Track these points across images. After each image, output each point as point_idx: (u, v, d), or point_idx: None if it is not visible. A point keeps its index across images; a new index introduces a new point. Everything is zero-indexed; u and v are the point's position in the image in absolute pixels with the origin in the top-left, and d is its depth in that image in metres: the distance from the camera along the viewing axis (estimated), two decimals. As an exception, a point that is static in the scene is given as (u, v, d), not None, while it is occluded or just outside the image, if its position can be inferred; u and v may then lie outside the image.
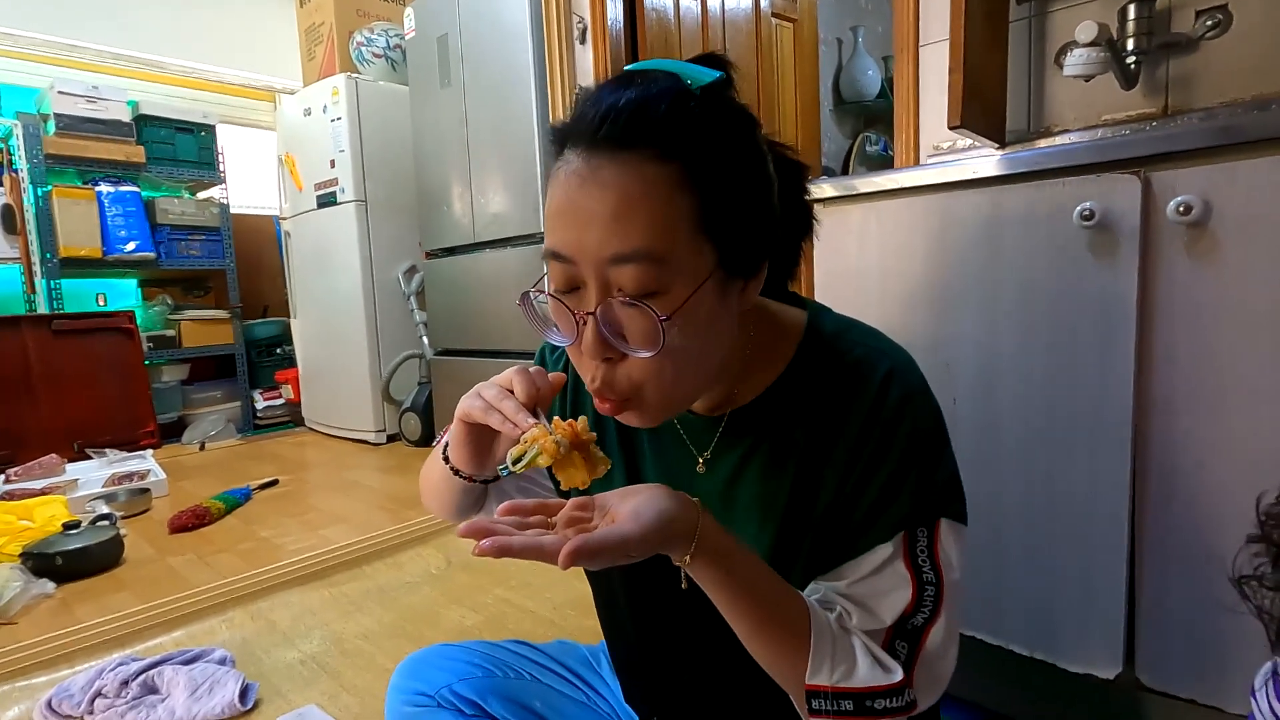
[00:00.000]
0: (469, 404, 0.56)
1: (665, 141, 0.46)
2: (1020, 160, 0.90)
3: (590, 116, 0.47)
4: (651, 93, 0.47)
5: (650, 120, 0.46)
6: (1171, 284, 0.80)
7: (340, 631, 1.44)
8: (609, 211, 0.46)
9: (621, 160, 0.46)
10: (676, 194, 0.46)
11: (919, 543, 0.53)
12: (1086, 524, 0.88)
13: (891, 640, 0.51)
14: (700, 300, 0.48)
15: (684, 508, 0.48)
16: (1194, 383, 0.80)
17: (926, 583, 0.52)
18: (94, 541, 1.78)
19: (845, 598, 0.54)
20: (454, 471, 0.63)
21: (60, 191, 3.09)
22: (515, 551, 0.43)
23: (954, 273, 0.97)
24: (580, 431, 0.51)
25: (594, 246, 0.47)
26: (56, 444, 2.88)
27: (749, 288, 0.53)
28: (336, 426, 3.43)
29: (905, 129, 1.51)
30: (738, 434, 0.59)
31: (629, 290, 0.47)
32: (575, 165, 0.48)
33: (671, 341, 0.47)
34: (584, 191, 0.47)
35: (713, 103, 0.49)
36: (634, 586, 0.67)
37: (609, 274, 0.47)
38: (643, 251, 0.46)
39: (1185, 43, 1.20)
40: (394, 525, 2.01)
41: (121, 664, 1.25)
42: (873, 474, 0.53)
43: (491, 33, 2.47)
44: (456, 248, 2.80)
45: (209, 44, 3.91)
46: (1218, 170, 0.76)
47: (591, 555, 0.42)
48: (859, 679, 0.50)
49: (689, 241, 0.47)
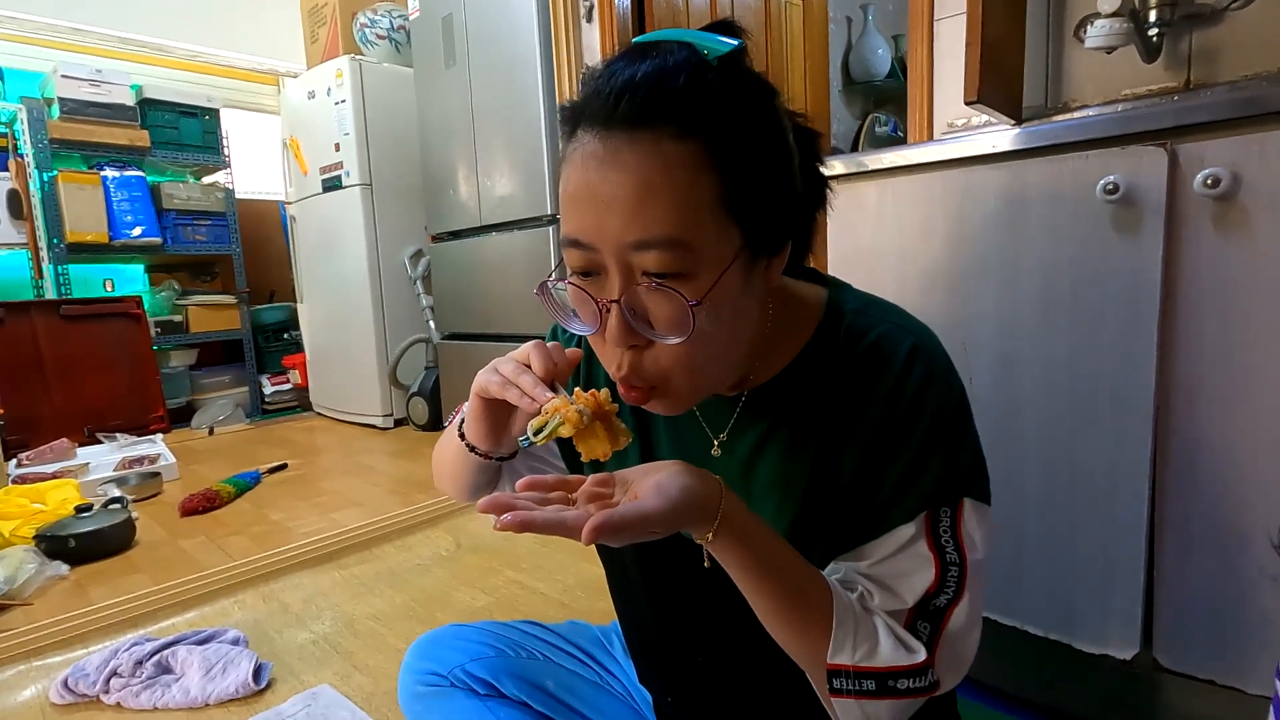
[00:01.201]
0: (486, 379, 0.55)
1: (685, 117, 0.44)
2: (1041, 133, 0.88)
3: (605, 94, 0.45)
4: (668, 65, 0.45)
5: (668, 95, 0.44)
6: (1198, 260, 0.78)
7: (351, 613, 1.45)
8: (630, 196, 0.44)
9: (640, 140, 0.44)
10: (699, 174, 0.44)
11: (942, 523, 0.52)
12: (1106, 505, 0.87)
13: (914, 621, 0.51)
14: (727, 283, 0.46)
15: (707, 484, 0.47)
16: (1220, 362, 0.78)
17: (950, 563, 0.51)
18: (106, 524, 1.79)
19: (867, 578, 0.53)
20: (470, 448, 0.62)
21: (66, 176, 3.09)
22: (538, 526, 0.42)
23: (972, 251, 0.95)
24: (603, 402, 0.50)
25: (616, 232, 0.45)
26: (67, 428, 2.90)
27: (773, 266, 0.51)
28: (344, 411, 3.44)
29: (919, 106, 1.48)
30: (756, 414, 0.58)
31: (655, 275, 0.45)
32: (592, 147, 0.45)
33: (701, 326, 0.45)
34: (602, 175, 0.45)
35: (731, 73, 0.46)
36: (649, 567, 0.66)
37: (631, 259, 0.45)
38: (667, 237, 0.44)
39: (1209, 14, 1.17)
40: (403, 508, 2.01)
41: (136, 644, 1.26)
42: (895, 454, 0.52)
43: (497, 12, 2.44)
44: (463, 231, 2.79)
45: (212, 27, 3.88)
46: (1247, 141, 0.74)
47: (615, 531, 0.41)
48: (882, 658, 0.49)
49: (714, 223, 0.45)
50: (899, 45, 2.82)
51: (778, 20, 2.59)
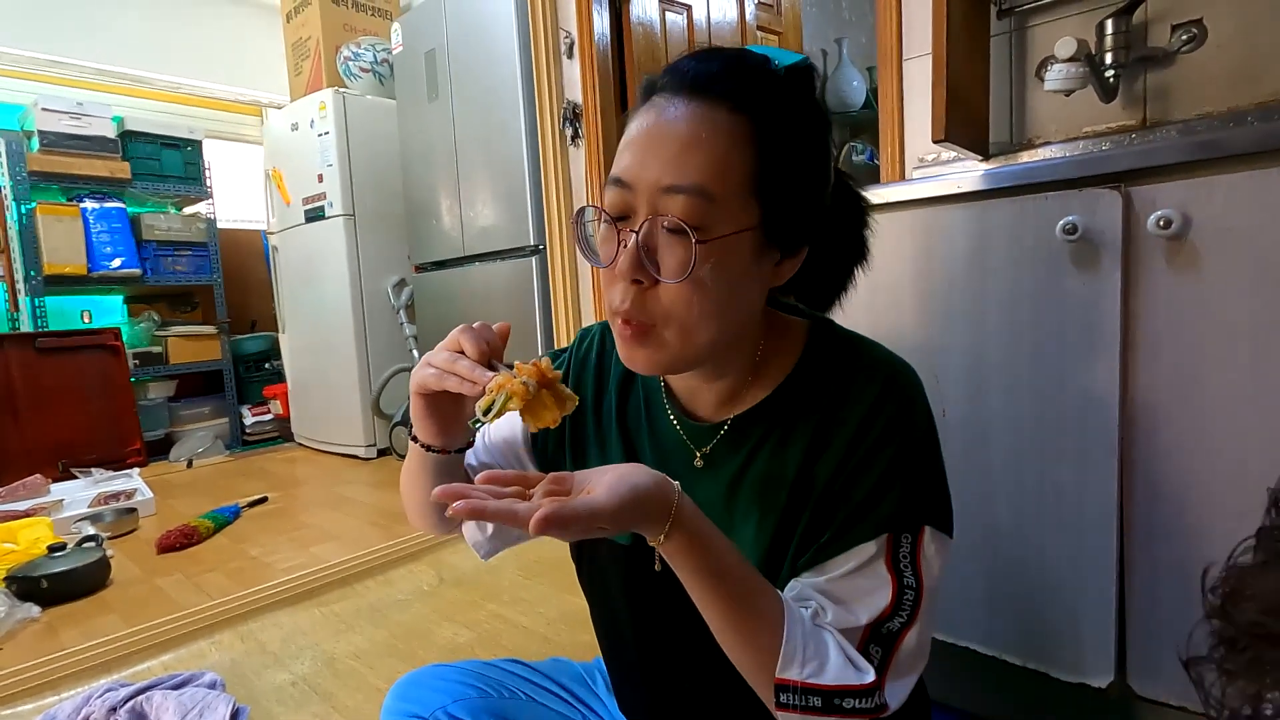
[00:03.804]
0: (421, 375, 0.56)
1: (741, 96, 0.50)
2: (1004, 175, 0.91)
3: (682, 69, 0.52)
4: (741, 56, 0.53)
5: (733, 75, 0.51)
6: (1153, 295, 0.82)
7: (332, 651, 1.43)
8: (675, 144, 0.49)
9: (699, 104, 0.50)
10: (739, 146, 0.50)
11: (902, 547, 0.53)
12: (1076, 534, 0.89)
13: (867, 644, 0.52)
14: (735, 246, 0.50)
15: (659, 486, 0.48)
16: (1177, 392, 0.81)
17: (906, 586, 0.53)
18: (80, 564, 1.75)
19: (824, 594, 0.54)
20: (425, 448, 0.62)
21: (44, 209, 3.07)
22: (489, 515, 0.43)
23: (941, 285, 0.98)
24: (545, 370, 0.51)
25: (653, 175, 0.50)
26: (41, 464, 2.84)
27: (784, 265, 0.55)
28: (326, 442, 3.41)
29: (890, 142, 1.53)
30: (741, 436, 0.60)
31: (675, 216, 0.49)
32: (659, 105, 0.52)
33: (700, 274, 0.49)
34: (656, 125, 0.51)
35: (794, 84, 0.53)
36: (634, 599, 0.67)
37: (660, 202, 0.50)
38: (695, 186, 0.49)
39: (1162, 56, 1.22)
40: (385, 541, 1.99)
41: (109, 690, 1.23)
42: (862, 476, 0.54)
43: (479, 47, 2.48)
44: (446, 261, 2.80)
45: (195, 59, 3.90)
46: (1196, 185, 0.77)
47: (563, 524, 0.42)
48: (829, 676, 0.50)
49: (738, 192, 0.50)
50: (873, 76, 2.90)
51: (754, 54, 2.67)
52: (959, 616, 1.00)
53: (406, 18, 2.81)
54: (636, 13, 2.26)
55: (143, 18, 3.74)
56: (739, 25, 2.60)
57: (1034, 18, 1.36)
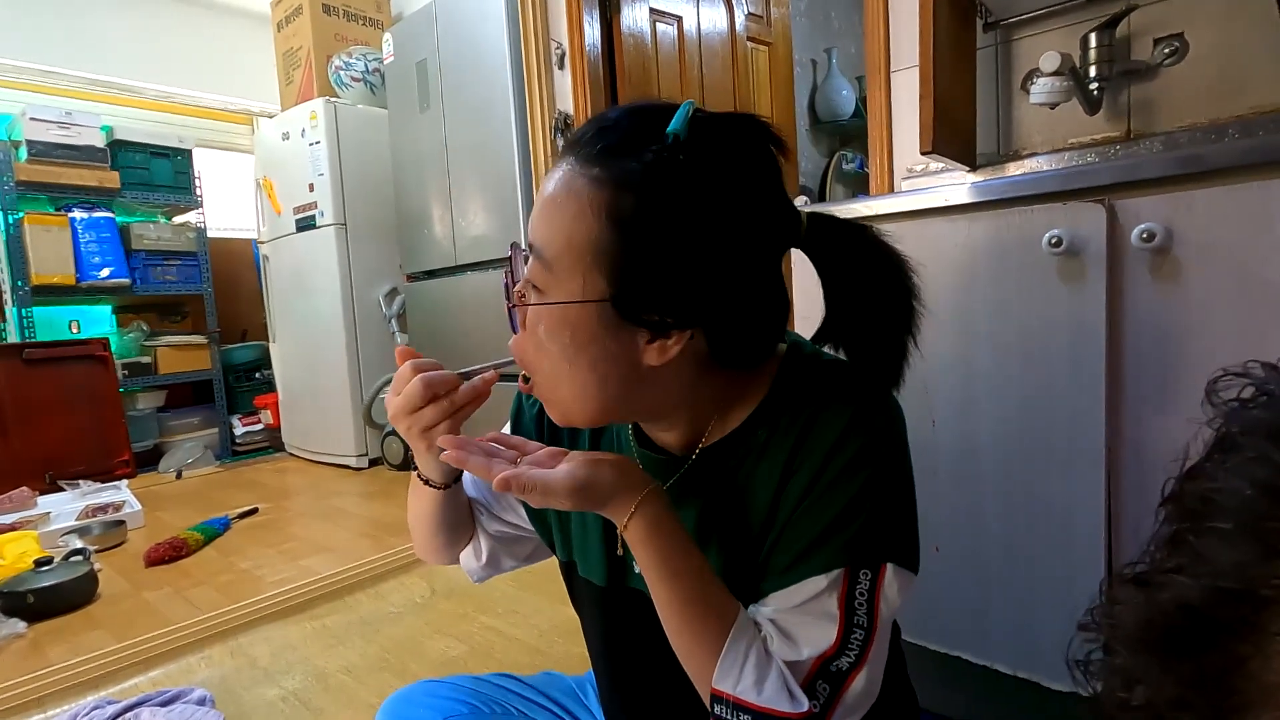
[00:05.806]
0: (412, 428, 0.59)
1: (611, 165, 0.49)
2: (990, 188, 0.92)
3: (581, 127, 0.53)
4: (622, 124, 0.51)
5: (605, 140, 0.50)
6: (1138, 307, 0.82)
7: (322, 666, 1.42)
8: (541, 202, 0.52)
9: (570, 165, 0.51)
10: (587, 218, 0.49)
11: (859, 584, 0.51)
12: (1065, 543, 0.90)
13: (814, 680, 0.50)
14: (575, 317, 0.51)
15: (625, 479, 0.52)
16: (1161, 402, 0.82)
17: (855, 625, 0.51)
18: (67, 578, 1.74)
19: (771, 623, 0.53)
20: (425, 482, 0.66)
21: (32, 219, 3.05)
22: (469, 465, 0.52)
23: (929, 296, 0.99)
24: None
25: (528, 232, 0.54)
26: (28, 476, 2.81)
27: (665, 346, 0.51)
28: (317, 452, 3.39)
29: (879, 153, 1.54)
30: (708, 468, 0.59)
31: (527, 276, 0.53)
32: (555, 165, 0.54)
33: (537, 334, 0.52)
34: (541, 186, 0.53)
35: (684, 155, 0.48)
36: (610, 639, 0.68)
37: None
38: (536, 249, 0.52)
39: (1145, 69, 1.24)
40: (377, 553, 1.98)
41: (96, 707, 1.22)
42: (824, 506, 0.52)
43: (470, 58, 2.49)
44: (437, 270, 2.80)
45: (185, 68, 3.89)
46: (1177, 198, 0.78)
47: (520, 488, 0.49)
48: (763, 698, 0.49)
49: (575, 263, 0.50)
50: (862, 86, 2.92)
51: (745, 63, 2.68)
52: (949, 625, 1.01)
53: (398, 28, 2.81)
54: (627, 23, 2.28)
55: (132, 27, 3.72)
56: (729, 36, 2.62)
57: (1019, 31, 1.38)
